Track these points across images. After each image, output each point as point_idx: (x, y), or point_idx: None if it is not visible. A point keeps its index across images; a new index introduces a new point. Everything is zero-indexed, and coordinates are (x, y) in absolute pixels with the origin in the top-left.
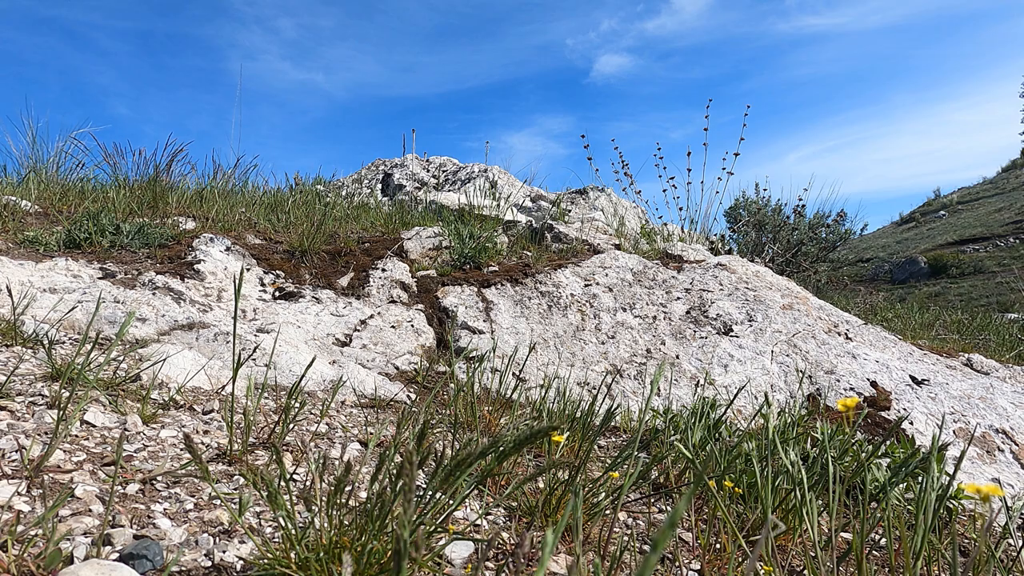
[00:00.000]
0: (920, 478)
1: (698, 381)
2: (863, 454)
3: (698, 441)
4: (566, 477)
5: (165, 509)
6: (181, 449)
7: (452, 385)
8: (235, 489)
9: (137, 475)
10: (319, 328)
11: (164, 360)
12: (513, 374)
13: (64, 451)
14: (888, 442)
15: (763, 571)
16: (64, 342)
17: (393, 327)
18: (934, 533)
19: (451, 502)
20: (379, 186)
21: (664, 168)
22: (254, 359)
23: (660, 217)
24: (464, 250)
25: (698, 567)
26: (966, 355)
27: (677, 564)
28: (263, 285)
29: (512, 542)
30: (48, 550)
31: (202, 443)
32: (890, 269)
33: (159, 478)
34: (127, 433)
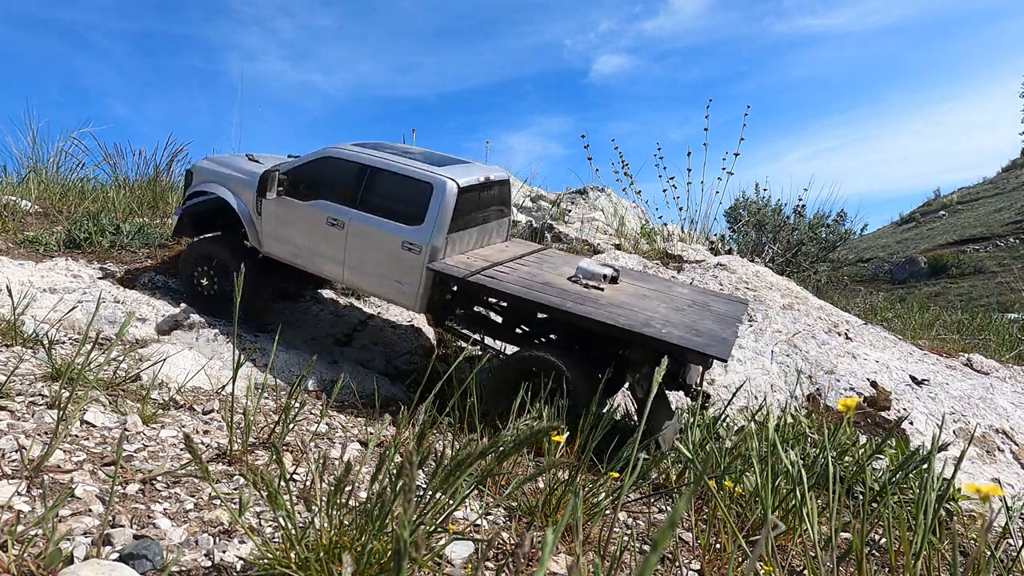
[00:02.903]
0: (921, 477)
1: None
2: (862, 451)
3: (697, 441)
4: (566, 477)
5: (165, 509)
6: (181, 449)
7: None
8: (235, 489)
9: (137, 475)
10: (319, 328)
11: (164, 360)
12: None
13: (64, 451)
14: (888, 442)
15: (763, 571)
16: (64, 342)
17: (393, 327)
18: (934, 533)
19: (451, 502)
20: None
21: (664, 168)
22: (254, 359)
23: (660, 217)
24: None
25: (698, 567)
26: (966, 355)
27: (677, 564)
28: None
29: (512, 542)
30: (48, 550)
31: (202, 443)
32: (890, 269)
33: (159, 478)
34: (127, 433)
